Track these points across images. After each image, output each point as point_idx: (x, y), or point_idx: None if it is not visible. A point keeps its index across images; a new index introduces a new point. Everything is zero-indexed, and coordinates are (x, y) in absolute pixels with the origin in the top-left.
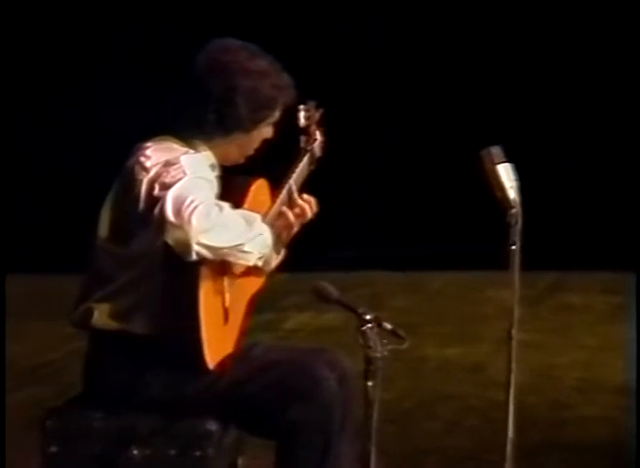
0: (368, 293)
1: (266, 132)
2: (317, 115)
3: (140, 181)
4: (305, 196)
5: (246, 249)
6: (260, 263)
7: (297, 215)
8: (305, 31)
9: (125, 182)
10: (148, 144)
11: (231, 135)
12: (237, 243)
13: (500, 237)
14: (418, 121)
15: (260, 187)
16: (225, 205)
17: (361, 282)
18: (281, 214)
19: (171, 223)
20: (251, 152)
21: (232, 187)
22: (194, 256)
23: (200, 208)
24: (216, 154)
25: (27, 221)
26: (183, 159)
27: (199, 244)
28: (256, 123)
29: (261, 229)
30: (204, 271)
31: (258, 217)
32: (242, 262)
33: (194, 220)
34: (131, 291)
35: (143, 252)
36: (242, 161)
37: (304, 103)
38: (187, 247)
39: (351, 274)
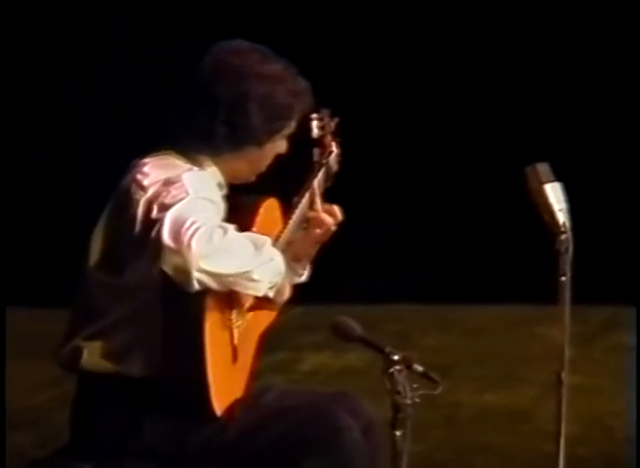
0: (396, 330)
1: (280, 145)
2: (332, 124)
3: (137, 202)
4: (326, 205)
5: (254, 276)
6: (271, 294)
7: (317, 227)
8: (321, 33)
9: (120, 203)
10: (146, 160)
11: (242, 149)
12: (244, 269)
13: (549, 266)
14: (456, 135)
15: (270, 207)
16: (230, 227)
17: (388, 316)
18: (300, 227)
19: (168, 248)
20: (263, 169)
21: (239, 208)
22: (196, 286)
23: (201, 230)
24: (223, 171)
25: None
26: (186, 177)
27: (200, 271)
28: (270, 135)
29: (272, 254)
30: (209, 303)
31: (267, 241)
32: (251, 292)
33: (194, 244)
34: (125, 327)
35: (140, 282)
36: (252, 179)
37: (317, 112)
38: (187, 274)
39: (376, 307)
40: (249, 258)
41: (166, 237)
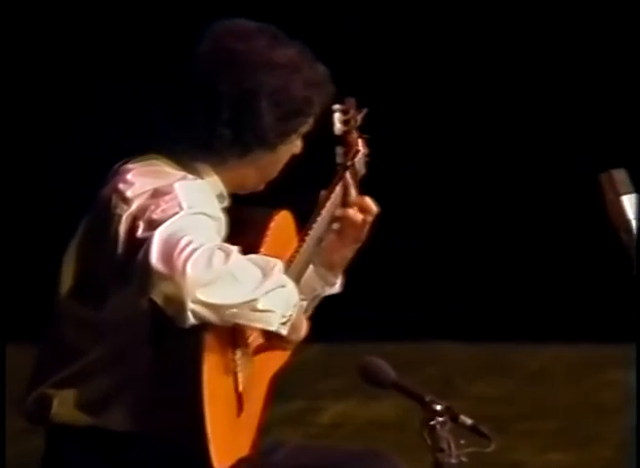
0: (437, 374)
1: (295, 146)
2: (359, 118)
3: (119, 218)
4: (356, 198)
5: (260, 306)
6: (284, 330)
7: (349, 226)
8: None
9: (98, 219)
10: (130, 166)
11: (250, 154)
12: (249, 298)
13: (623, 298)
14: (514, 139)
15: (282, 222)
16: (233, 249)
17: (428, 357)
18: (329, 229)
19: (158, 274)
20: (274, 175)
21: (244, 223)
22: (191, 319)
23: (198, 252)
24: (226, 180)
25: None
26: (178, 187)
27: (197, 301)
28: (284, 136)
29: (283, 281)
30: (208, 342)
31: (278, 265)
32: (259, 326)
33: (190, 269)
34: (105, 371)
35: (123, 316)
36: (261, 188)
37: (341, 102)
38: (181, 306)
39: (414, 345)
40: (255, 286)
41: (155, 260)
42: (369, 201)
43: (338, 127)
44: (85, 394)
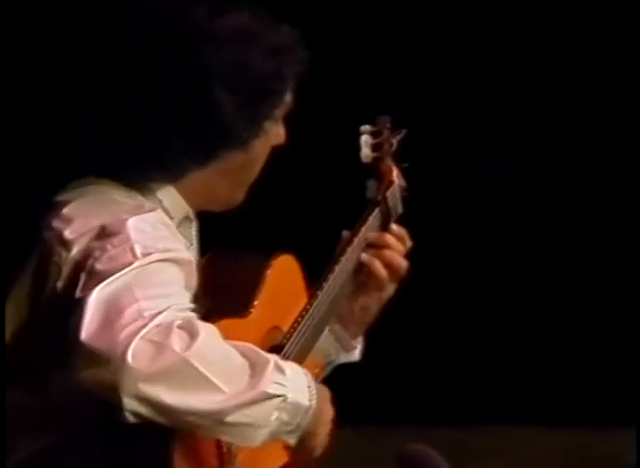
0: (505, 465)
1: (275, 134)
2: (394, 141)
3: (57, 268)
4: (394, 230)
5: (230, 419)
6: (292, 439)
7: (373, 278)
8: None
9: (37, 268)
10: (67, 197)
11: (214, 159)
12: (213, 408)
13: None
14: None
15: (282, 271)
16: (203, 328)
17: (494, 446)
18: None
19: (89, 353)
20: (252, 178)
21: (230, 273)
22: (131, 419)
23: (148, 330)
24: (192, 197)
25: None
26: (132, 225)
27: (137, 398)
28: (254, 126)
29: (276, 388)
30: (179, 451)
31: (270, 363)
32: (233, 441)
33: (130, 356)
34: None
35: (68, 400)
36: (240, 199)
37: (372, 121)
38: (117, 400)
39: (475, 430)
40: (228, 388)
41: (86, 335)
42: (401, 232)
43: (365, 153)
44: None
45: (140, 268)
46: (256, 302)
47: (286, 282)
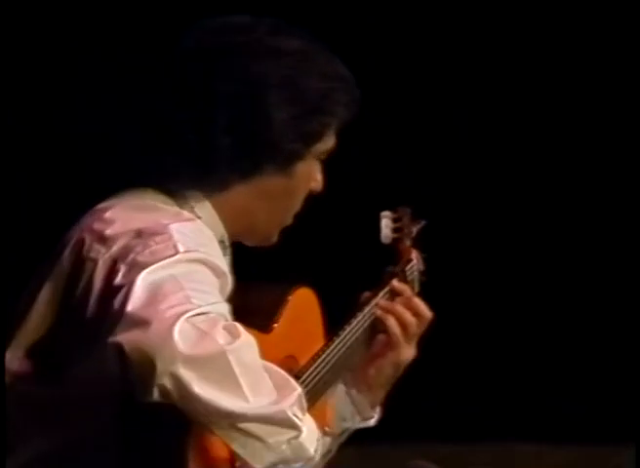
0: None
1: (315, 176)
2: (414, 230)
3: (94, 263)
4: (411, 303)
5: (245, 426)
6: None
7: (389, 346)
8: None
9: (61, 269)
10: (108, 204)
11: (258, 172)
12: (235, 409)
13: None
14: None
15: (302, 304)
16: (243, 333)
17: (497, 462)
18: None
19: (134, 317)
20: (291, 214)
21: (247, 302)
22: (155, 396)
23: (194, 315)
24: (229, 218)
25: None
26: (175, 228)
27: (172, 376)
28: (301, 142)
29: (301, 415)
30: (199, 439)
31: (298, 390)
32: (238, 452)
33: (177, 333)
34: (58, 465)
35: (84, 392)
36: (275, 237)
37: (392, 209)
38: (150, 372)
39: (477, 447)
40: (253, 396)
41: (132, 307)
42: (421, 305)
43: (386, 233)
44: None
45: (183, 263)
46: (276, 325)
47: (305, 312)
